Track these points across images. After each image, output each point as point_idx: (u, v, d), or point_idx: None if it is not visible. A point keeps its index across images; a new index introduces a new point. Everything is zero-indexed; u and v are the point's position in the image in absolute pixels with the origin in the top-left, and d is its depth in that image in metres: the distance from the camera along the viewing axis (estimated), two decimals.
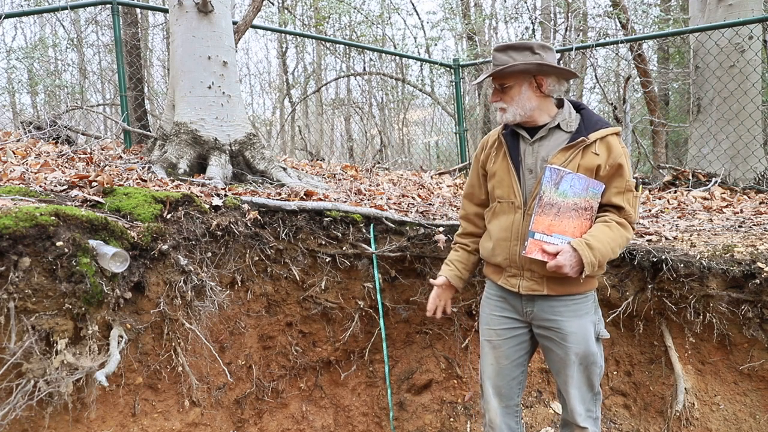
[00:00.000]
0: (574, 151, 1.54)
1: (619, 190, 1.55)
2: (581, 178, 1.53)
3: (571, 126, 1.58)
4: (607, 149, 1.54)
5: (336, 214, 2.23)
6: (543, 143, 1.59)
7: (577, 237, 1.54)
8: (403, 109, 8.20)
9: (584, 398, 1.66)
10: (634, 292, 2.22)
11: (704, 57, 4.47)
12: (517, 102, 1.55)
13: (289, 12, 8.74)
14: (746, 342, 2.07)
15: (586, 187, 1.54)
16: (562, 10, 8.23)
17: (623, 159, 1.55)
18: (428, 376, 2.48)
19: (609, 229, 1.54)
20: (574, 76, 1.59)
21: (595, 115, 1.62)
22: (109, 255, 1.49)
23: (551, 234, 1.53)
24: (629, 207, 1.56)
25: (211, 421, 1.99)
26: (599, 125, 1.56)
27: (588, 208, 1.56)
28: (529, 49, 1.48)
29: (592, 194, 1.56)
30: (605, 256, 1.51)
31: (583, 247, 1.48)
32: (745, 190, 3.96)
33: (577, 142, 1.53)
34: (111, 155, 3.06)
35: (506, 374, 1.70)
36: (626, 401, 2.32)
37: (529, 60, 1.48)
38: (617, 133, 1.59)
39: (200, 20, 2.92)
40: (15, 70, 7.29)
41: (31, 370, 1.45)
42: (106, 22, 7.65)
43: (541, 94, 1.56)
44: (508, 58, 1.48)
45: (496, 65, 1.52)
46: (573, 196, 1.53)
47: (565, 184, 1.52)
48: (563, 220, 1.54)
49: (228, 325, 2.10)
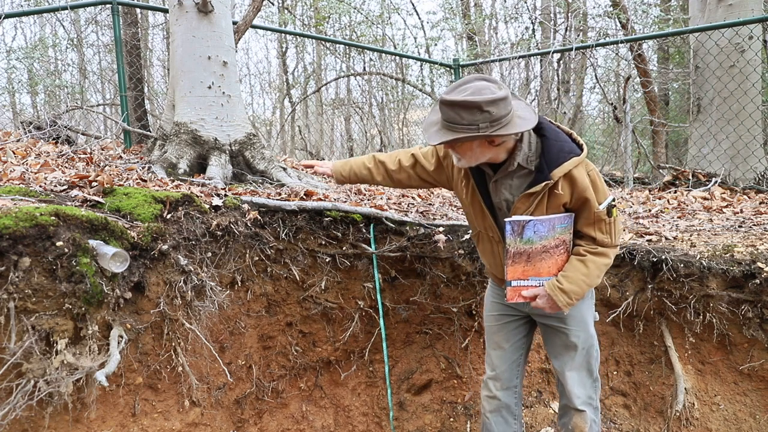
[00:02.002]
0: (538, 195, 1.50)
1: (588, 221, 1.53)
2: (544, 222, 1.50)
3: (532, 162, 1.50)
4: (570, 185, 1.48)
5: (336, 214, 2.23)
6: (506, 182, 1.56)
7: (554, 274, 1.57)
8: (403, 109, 8.20)
9: (584, 383, 1.70)
10: (634, 292, 2.22)
11: (704, 57, 4.47)
12: (470, 156, 1.48)
13: (289, 12, 8.74)
14: (746, 342, 2.07)
15: (552, 227, 1.52)
16: (562, 9, 8.23)
17: (588, 192, 1.48)
18: (428, 376, 2.48)
19: (583, 265, 1.54)
20: (528, 127, 1.42)
21: (558, 140, 1.51)
22: (109, 255, 1.49)
23: (527, 278, 1.58)
24: (602, 235, 1.53)
25: (211, 421, 1.99)
26: (561, 157, 1.46)
27: (560, 244, 1.56)
28: (477, 107, 1.33)
29: (561, 230, 1.54)
30: (580, 293, 1.54)
31: (555, 292, 1.53)
32: (745, 190, 3.96)
33: (541, 186, 1.48)
34: (111, 155, 3.06)
35: (507, 357, 1.78)
36: (626, 401, 2.32)
37: (477, 119, 1.35)
38: (581, 163, 1.49)
39: (200, 20, 2.92)
40: (15, 70, 7.29)
41: (31, 370, 1.45)
42: (106, 22, 7.65)
43: (495, 147, 1.47)
44: (455, 114, 1.36)
45: (444, 120, 1.40)
46: (539, 240, 1.53)
47: (528, 232, 1.51)
48: (535, 263, 1.56)
49: (228, 325, 2.10)
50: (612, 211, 1.53)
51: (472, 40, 9.44)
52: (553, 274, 1.57)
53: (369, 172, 1.83)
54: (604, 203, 1.51)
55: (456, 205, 2.94)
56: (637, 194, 3.79)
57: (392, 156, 1.82)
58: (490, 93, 1.36)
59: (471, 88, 1.37)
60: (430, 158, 1.74)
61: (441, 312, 2.45)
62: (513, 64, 9.02)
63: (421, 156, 1.75)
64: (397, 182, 1.83)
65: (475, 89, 1.36)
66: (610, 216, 1.52)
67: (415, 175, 1.78)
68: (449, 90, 1.42)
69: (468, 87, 1.38)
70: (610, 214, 1.52)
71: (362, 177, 1.85)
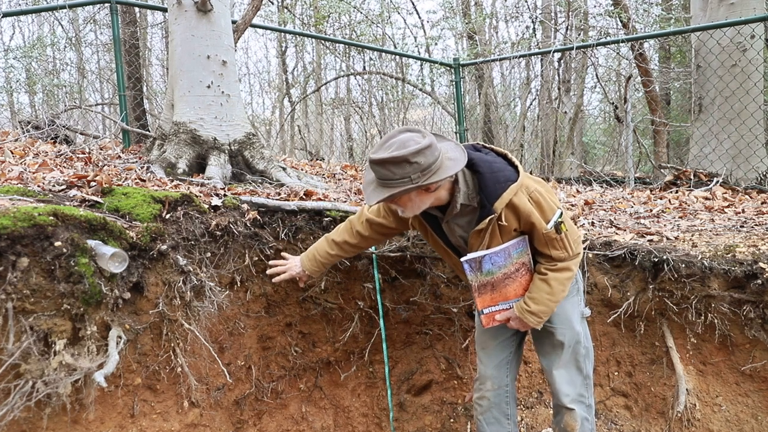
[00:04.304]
0: (485, 230, 1.54)
1: (540, 242, 1.58)
2: (499, 253, 1.56)
3: (473, 198, 1.54)
4: (514, 213, 1.52)
5: (336, 213, 2.22)
6: (456, 221, 1.61)
7: (521, 294, 1.65)
8: (403, 109, 8.19)
9: (573, 380, 1.72)
10: (635, 292, 2.21)
11: (706, 56, 4.46)
12: (411, 206, 1.50)
13: (289, 11, 8.72)
14: (748, 342, 2.06)
15: (508, 255, 1.58)
16: (562, 9, 8.22)
17: (533, 216, 1.51)
18: (428, 376, 2.48)
19: (546, 285, 1.59)
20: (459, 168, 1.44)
21: (492, 171, 1.51)
22: (107, 255, 1.48)
23: (497, 303, 1.66)
24: (557, 251, 1.58)
25: (210, 422, 1.98)
26: (499, 189, 1.49)
27: (520, 267, 1.62)
28: (405, 161, 1.36)
29: (517, 255, 1.60)
30: (548, 311, 1.62)
31: (525, 314, 1.62)
32: (746, 190, 3.95)
33: (486, 222, 1.52)
34: (110, 155, 3.05)
35: (494, 356, 1.81)
36: (627, 402, 2.31)
37: (407, 171, 1.38)
38: (519, 188, 1.51)
39: (199, 19, 2.91)
40: (13, 70, 7.27)
41: (29, 371, 1.44)
42: (104, 21, 7.64)
43: (432, 192, 1.49)
44: (387, 171, 1.39)
45: (378, 178, 1.43)
46: (499, 270, 1.59)
47: (486, 265, 1.57)
48: (501, 290, 1.63)
49: (227, 325, 2.09)
50: (560, 227, 1.55)
51: (472, 39, 9.43)
52: (520, 294, 1.66)
53: (338, 256, 1.88)
54: (551, 221, 1.53)
55: None
56: (638, 194, 3.78)
57: (347, 230, 1.85)
58: (414, 144, 1.39)
59: (396, 143, 1.41)
60: (383, 213, 1.77)
61: (441, 312, 2.44)
62: (513, 63, 9.00)
63: (374, 216, 1.79)
64: (364, 249, 1.92)
65: (400, 143, 1.40)
66: (559, 232, 1.55)
67: (378, 236, 1.83)
68: (376, 149, 1.46)
69: (393, 142, 1.42)
70: (559, 231, 1.55)
71: (333, 262, 1.92)
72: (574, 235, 1.62)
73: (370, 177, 1.48)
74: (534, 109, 8.36)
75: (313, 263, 1.88)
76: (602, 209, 3.11)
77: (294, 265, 1.90)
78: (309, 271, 1.88)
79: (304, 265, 1.88)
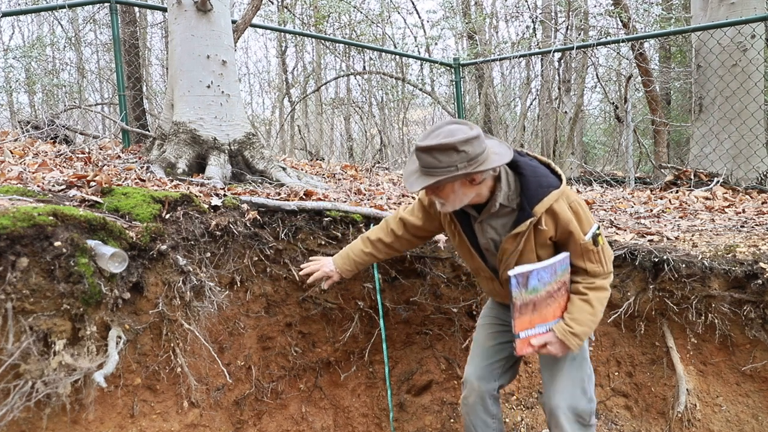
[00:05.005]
0: (522, 235, 1.52)
1: (577, 253, 1.54)
2: (547, 268, 1.50)
3: (513, 200, 1.53)
4: (553, 219, 1.50)
5: (336, 214, 2.22)
6: (491, 222, 1.58)
7: (559, 317, 1.58)
8: (403, 109, 8.18)
9: (574, 395, 1.64)
10: (635, 292, 2.21)
11: (706, 56, 4.46)
12: (453, 198, 1.49)
13: (289, 11, 8.72)
14: (748, 343, 2.06)
15: (554, 271, 1.52)
16: (562, 8, 8.21)
17: (572, 224, 1.50)
18: (428, 376, 2.47)
19: (589, 305, 1.55)
20: (505, 161, 1.44)
21: (535, 175, 1.52)
22: (107, 255, 1.48)
23: (534, 326, 1.57)
24: (593, 265, 1.55)
25: (210, 422, 1.98)
26: (541, 193, 1.48)
27: (561, 286, 1.56)
28: (453, 148, 1.37)
29: (562, 273, 1.54)
30: (589, 332, 1.57)
31: (567, 337, 1.54)
32: (747, 190, 3.95)
33: (526, 225, 1.50)
34: (109, 155, 3.05)
35: (488, 356, 1.80)
36: (627, 402, 2.31)
37: (454, 160, 1.38)
38: (561, 195, 1.51)
39: (199, 19, 2.91)
40: (12, 69, 7.27)
41: (29, 371, 1.43)
42: (104, 20, 7.63)
43: (476, 185, 1.49)
44: (433, 159, 1.40)
45: (423, 167, 1.44)
46: (544, 287, 1.53)
47: (533, 281, 1.50)
48: (542, 310, 1.56)
49: (227, 325, 2.09)
50: (598, 240, 1.54)
51: (472, 39, 9.42)
52: (558, 316, 1.58)
53: (372, 256, 1.85)
54: (589, 233, 1.52)
55: None
56: (638, 194, 3.78)
57: (383, 229, 1.85)
58: (462, 134, 1.40)
59: (444, 131, 1.42)
60: (417, 213, 1.78)
61: (441, 312, 2.44)
62: (513, 63, 8.99)
63: (408, 216, 1.79)
64: (398, 250, 1.89)
65: (448, 132, 1.41)
66: (596, 245, 1.53)
67: (411, 237, 1.82)
68: (423, 137, 1.45)
69: (441, 131, 1.43)
70: (596, 243, 1.53)
71: (367, 263, 1.88)
72: (609, 252, 1.60)
73: (414, 166, 1.48)
74: (534, 109, 8.36)
75: (345, 261, 1.85)
76: (602, 209, 3.11)
77: (326, 264, 1.88)
78: (340, 269, 1.85)
79: (336, 263, 1.86)
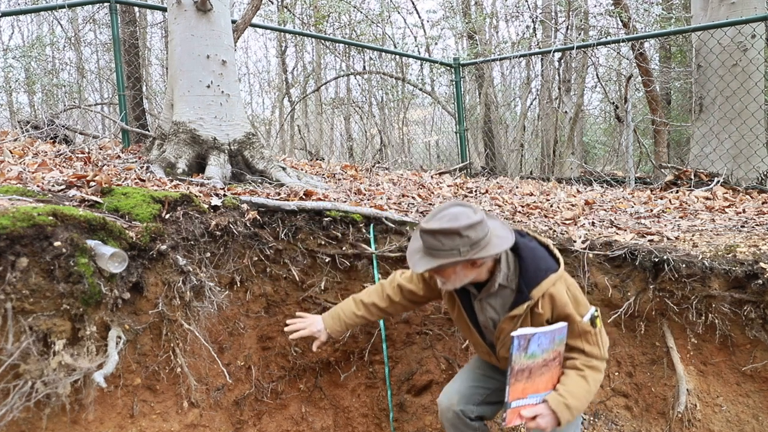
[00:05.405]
0: (520, 317, 1.54)
1: (574, 334, 1.55)
2: (547, 334, 1.50)
3: (512, 281, 1.56)
4: (550, 303, 1.52)
5: (336, 214, 2.22)
6: (490, 301, 1.60)
7: (550, 389, 1.56)
8: (403, 109, 8.18)
9: None
10: (635, 292, 2.20)
11: (706, 56, 4.45)
12: (454, 278, 1.52)
13: (289, 11, 8.71)
14: (749, 343, 2.06)
15: (553, 339, 1.52)
16: (563, 8, 8.21)
17: (569, 307, 1.51)
18: (428, 377, 2.47)
19: (585, 381, 1.54)
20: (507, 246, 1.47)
21: (534, 258, 1.54)
22: (107, 255, 1.48)
23: (526, 396, 1.55)
24: (590, 347, 1.55)
25: (210, 423, 1.98)
26: (539, 276, 1.51)
27: (556, 356, 1.56)
28: (456, 233, 1.40)
29: (559, 341, 1.54)
30: (581, 409, 1.54)
31: (560, 408, 1.50)
32: (747, 190, 3.95)
33: (524, 309, 1.52)
34: (109, 155, 3.05)
35: (474, 378, 1.80)
36: (628, 402, 2.31)
37: (457, 244, 1.42)
38: (559, 279, 1.53)
39: (199, 19, 2.90)
40: (12, 69, 7.27)
41: (28, 371, 1.43)
42: (104, 20, 7.63)
43: (477, 268, 1.52)
44: (436, 242, 1.43)
45: (426, 247, 1.47)
46: (541, 354, 1.52)
47: (533, 346, 1.50)
48: (535, 379, 1.54)
49: (227, 325, 2.09)
50: (596, 322, 1.55)
51: (472, 39, 9.42)
52: (550, 388, 1.57)
53: (363, 318, 1.84)
54: (586, 315, 1.54)
55: None
56: (638, 194, 3.78)
57: (378, 293, 1.83)
58: (466, 218, 1.42)
59: (448, 215, 1.44)
60: (416, 282, 1.79)
61: (441, 312, 2.44)
62: (514, 63, 8.99)
63: (406, 283, 1.80)
64: (392, 314, 1.91)
65: (452, 216, 1.43)
66: (594, 327, 1.54)
67: (407, 302, 1.83)
68: (428, 219, 1.48)
69: (445, 214, 1.45)
70: (594, 325, 1.54)
71: (357, 324, 1.86)
72: (605, 338, 1.61)
73: (417, 245, 1.52)
74: (534, 109, 8.36)
75: (336, 322, 1.81)
76: (603, 209, 3.10)
77: (314, 323, 1.83)
78: (330, 329, 1.81)
79: (326, 322, 1.82)
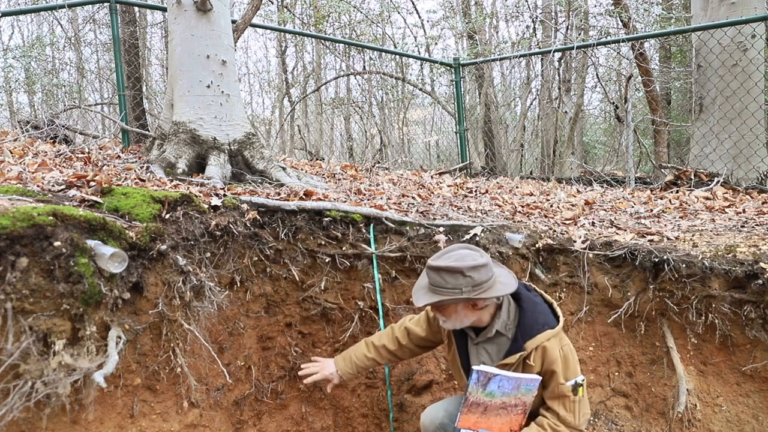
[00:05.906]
0: (511, 366, 1.56)
1: (553, 394, 1.56)
2: (511, 379, 1.52)
3: (510, 330, 1.59)
4: (542, 356, 1.54)
5: (336, 214, 2.22)
6: (486, 346, 1.64)
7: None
8: (403, 109, 8.18)
9: None
10: (635, 292, 2.20)
11: (706, 56, 4.46)
12: (455, 318, 1.56)
13: (289, 11, 8.71)
14: (749, 343, 2.06)
15: (517, 386, 1.53)
16: (563, 8, 8.21)
17: (556, 364, 1.53)
18: (428, 377, 2.47)
19: None
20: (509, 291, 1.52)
21: (534, 311, 1.57)
22: (107, 255, 1.48)
23: (477, 430, 1.57)
24: (565, 412, 1.55)
25: (210, 423, 1.98)
26: (535, 329, 1.54)
27: (519, 404, 1.56)
28: (460, 272, 1.45)
29: (525, 391, 1.55)
30: None
31: None
32: (747, 190, 3.95)
33: (516, 358, 1.54)
34: (109, 155, 3.05)
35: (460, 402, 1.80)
36: (628, 402, 2.31)
37: (460, 283, 1.46)
38: (555, 336, 1.55)
39: (199, 19, 2.90)
40: (12, 69, 7.27)
41: (28, 371, 1.43)
42: (104, 20, 7.63)
43: (478, 310, 1.56)
44: (440, 278, 1.48)
45: (431, 284, 1.52)
46: (501, 396, 1.54)
47: (492, 385, 1.52)
48: (489, 417, 1.56)
49: (227, 325, 2.09)
50: (578, 390, 1.55)
51: (472, 38, 9.42)
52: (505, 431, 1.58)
53: (374, 361, 1.89)
54: (571, 380, 1.54)
55: (456, 204, 2.93)
56: (638, 194, 3.78)
57: (388, 336, 1.89)
58: (471, 260, 1.48)
59: (455, 255, 1.50)
60: (422, 324, 1.84)
61: None
62: (514, 63, 8.99)
63: (413, 326, 1.86)
64: (401, 358, 1.95)
65: (459, 256, 1.49)
66: (575, 394, 1.55)
67: (414, 347, 1.88)
68: (436, 257, 1.53)
69: (452, 255, 1.51)
70: (576, 393, 1.55)
71: (368, 367, 1.92)
72: (585, 409, 1.59)
73: (424, 282, 1.56)
74: (534, 109, 8.36)
75: (348, 365, 1.87)
76: (603, 209, 3.10)
77: (326, 366, 1.89)
78: (342, 371, 1.87)
79: (338, 365, 1.88)
